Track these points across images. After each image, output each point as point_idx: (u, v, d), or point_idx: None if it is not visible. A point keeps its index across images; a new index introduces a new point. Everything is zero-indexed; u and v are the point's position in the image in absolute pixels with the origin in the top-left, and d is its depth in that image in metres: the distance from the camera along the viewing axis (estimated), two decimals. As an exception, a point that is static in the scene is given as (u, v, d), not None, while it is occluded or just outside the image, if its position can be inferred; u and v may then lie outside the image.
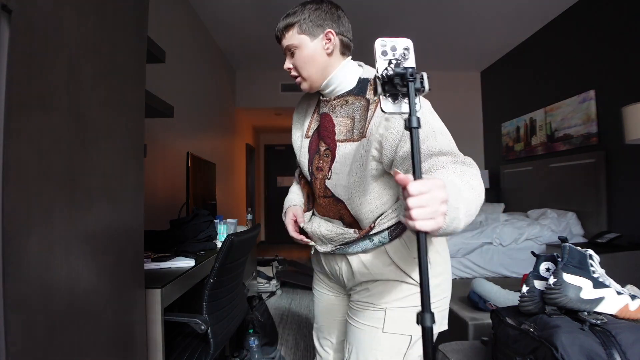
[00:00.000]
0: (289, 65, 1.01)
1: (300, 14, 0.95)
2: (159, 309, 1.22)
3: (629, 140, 2.10)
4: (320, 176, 0.98)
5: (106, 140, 0.94)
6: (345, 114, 0.95)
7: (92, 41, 0.87)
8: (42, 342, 0.70)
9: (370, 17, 3.66)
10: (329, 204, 0.99)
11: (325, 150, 0.96)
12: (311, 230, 1.06)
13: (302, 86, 1.01)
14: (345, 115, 0.95)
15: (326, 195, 0.99)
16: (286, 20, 0.97)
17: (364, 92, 0.94)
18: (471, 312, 1.93)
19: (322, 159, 0.97)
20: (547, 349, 0.95)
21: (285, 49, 0.99)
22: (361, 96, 0.94)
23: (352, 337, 1.02)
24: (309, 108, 1.08)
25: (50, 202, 0.73)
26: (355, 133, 0.92)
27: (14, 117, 0.63)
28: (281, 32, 0.99)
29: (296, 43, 0.96)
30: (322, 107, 1.02)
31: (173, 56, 2.81)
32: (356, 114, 0.93)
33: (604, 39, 3.03)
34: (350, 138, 0.92)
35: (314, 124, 1.05)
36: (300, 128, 1.08)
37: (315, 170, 0.99)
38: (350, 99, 0.96)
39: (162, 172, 2.74)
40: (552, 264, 1.12)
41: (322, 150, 0.97)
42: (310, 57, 0.95)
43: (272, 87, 5.28)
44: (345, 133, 0.94)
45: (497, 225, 3.25)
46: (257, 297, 2.54)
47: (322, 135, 0.98)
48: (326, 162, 0.96)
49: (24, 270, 0.66)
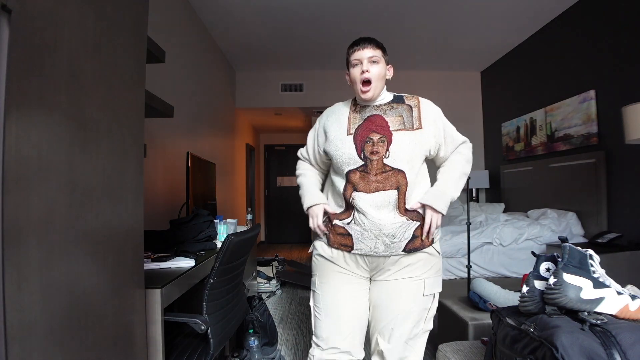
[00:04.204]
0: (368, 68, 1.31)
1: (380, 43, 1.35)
2: (159, 309, 1.22)
3: (629, 140, 2.10)
4: (377, 157, 1.28)
5: (106, 140, 0.94)
6: (394, 114, 1.33)
7: (92, 41, 0.87)
8: (43, 342, 0.70)
9: (371, 17, 3.66)
10: (387, 177, 1.27)
11: (380, 138, 1.28)
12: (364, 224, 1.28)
13: (371, 93, 1.32)
14: (394, 115, 1.33)
15: (384, 171, 1.27)
16: (374, 40, 1.34)
17: (402, 101, 1.37)
18: (471, 312, 1.93)
19: (377, 144, 1.28)
20: (547, 349, 0.95)
21: (369, 58, 1.31)
22: (401, 103, 1.36)
23: (395, 306, 1.32)
24: (342, 116, 1.38)
25: (50, 202, 0.73)
26: (407, 125, 1.31)
27: (14, 116, 0.63)
28: (367, 44, 1.32)
29: (378, 57, 1.32)
30: (368, 111, 1.35)
31: (173, 56, 2.81)
32: (403, 114, 1.33)
33: (603, 39, 3.03)
34: (403, 128, 1.31)
35: (353, 124, 1.34)
36: (338, 129, 1.35)
37: (370, 154, 1.28)
38: (394, 105, 1.36)
39: (162, 172, 2.74)
40: (552, 264, 1.12)
41: (376, 139, 1.28)
42: (382, 74, 1.34)
43: (272, 87, 5.27)
44: (398, 125, 1.31)
45: (497, 225, 3.25)
46: (257, 297, 2.53)
47: (374, 129, 1.30)
48: (382, 146, 1.28)
49: (24, 270, 0.66)
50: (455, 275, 3.09)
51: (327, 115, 1.45)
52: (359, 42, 1.33)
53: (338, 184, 1.35)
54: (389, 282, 1.34)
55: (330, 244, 1.36)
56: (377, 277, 1.36)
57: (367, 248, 1.30)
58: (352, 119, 1.36)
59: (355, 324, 1.36)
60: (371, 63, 1.31)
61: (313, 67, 5.13)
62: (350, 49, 1.35)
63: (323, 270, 1.39)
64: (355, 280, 1.36)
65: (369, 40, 1.33)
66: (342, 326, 1.35)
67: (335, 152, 1.34)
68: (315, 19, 3.70)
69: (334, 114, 1.42)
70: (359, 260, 1.34)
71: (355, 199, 1.29)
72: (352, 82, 1.36)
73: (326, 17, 3.63)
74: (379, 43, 1.34)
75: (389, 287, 1.34)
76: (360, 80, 1.31)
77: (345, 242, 1.32)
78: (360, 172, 1.29)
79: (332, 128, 1.38)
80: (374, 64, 1.31)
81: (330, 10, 3.52)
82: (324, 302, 1.37)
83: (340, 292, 1.36)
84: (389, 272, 1.33)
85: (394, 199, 1.27)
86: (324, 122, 1.43)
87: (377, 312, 1.36)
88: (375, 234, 1.27)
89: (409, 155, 1.29)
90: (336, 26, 3.85)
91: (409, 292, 1.33)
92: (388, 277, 1.34)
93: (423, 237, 1.31)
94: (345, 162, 1.31)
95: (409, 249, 1.30)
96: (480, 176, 4.72)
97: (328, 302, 1.36)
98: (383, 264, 1.32)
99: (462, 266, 3.03)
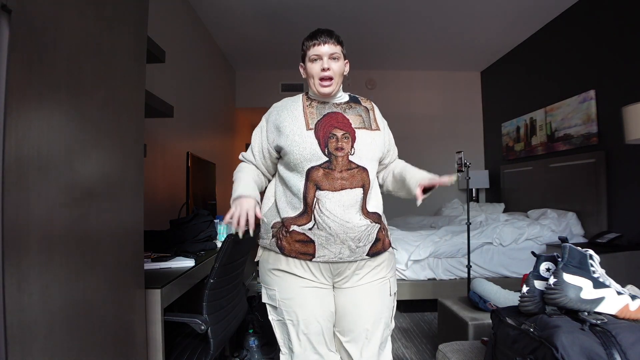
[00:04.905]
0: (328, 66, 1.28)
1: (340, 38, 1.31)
2: (159, 309, 1.21)
3: (628, 140, 2.10)
4: (342, 154, 1.23)
5: (106, 140, 0.94)
6: (353, 113, 1.32)
7: (92, 41, 0.87)
8: (43, 342, 0.70)
9: (371, 17, 3.66)
10: (353, 175, 1.23)
11: (344, 134, 1.25)
12: (330, 228, 1.20)
13: (331, 88, 1.29)
14: (354, 114, 1.31)
15: (350, 168, 1.23)
16: (334, 34, 1.29)
17: (358, 102, 1.37)
18: (471, 312, 1.93)
19: (342, 140, 1.24)
20: (547, 349, 0.95)
21: (329, 55, 1.27)
22: (358, 104, 1.36)
23: (367, 313, 1.26)
24: (295, 111, 1.31)
25: (50, 202, 0.73)
26: (366, 124, 1.31)
27: (14, 116, 0.63)
28: (328, 39, 1.27)
29: (338, 54, 1.29)
30: (327, 107, 1.31)
31: (173, 56, 2.81)
32: (362, 114, 1.33)
33: (604, 39, 3.03)
34: (364, 127, 1.29)
35: (311, 119, 1.27)
36: (295, 124, 1.27)
37: (335, 150, 1.23)
38: (352, 105, 1.35)
39: (162, 172, 2.74)
40: (552, 264, 1.12)
41: (340, 135, 1.24)
42: (342, 71, 1.31)
43: (272, 87, 5.27)
44: (359, 124, 1.29)
45: (497, 225, 3.25)
46: (257, 297, 2.53)
47: (336, 125, 1.26)
48: (347, 142, 1.24)
49: (24, 270, 0.66)
50: (455, 275, 3.09)
51: (277, 111, 1.33)
52: (319, 36, 1.26)
53: (295, 183, 1.24)
54: (356, 289, 1.26)
55: (285, 253, 1.23)
56: (343, 284, 1.27)
57: (331, 254, 1.21)
58: (308, 114, 1.29)
59: (330, 332, 1.28)
60: (331, 59, 1.27)
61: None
62: (308, 41, 1.28)
63: (283, 285, 1.25)
64: (320, 290, 1.25)
65: (329, 35, 1.27)
66: (316, 337, 1.25)
67: (293, 147, 1.23)
68: (316, 19, 3.69)
69: (285, 110, 1.32)
70: (322, 267, 1.23)
71: (320, 199, 1.20)
72: (307, 76, 1.31)
73: (326, 17, 3.63)
74: (339, 38, 1.29)
75: (358, 293, 1.26)
76: (319, 77, 1.27)
77: (306, 250, 1.21)
78: (324, 169, 1.21)
79: (286, 123, 1.27)
80: (334, 60, 1.27)
81: (330, 10, 3.52)
82: (293, 317, 1.24)
83: (308, 305, 1.23)
84: (356, 277, 1.26)
85: (360, 198, 1.22)
86: (274, 118, 1.31)
87: (345, 321, 1.27)
88: (341, 238, 1.20)
89: (372, 153, 1.27)
90: (336, 26, 3.82)
91: (377, 295, 1.28)
92: (355, 282, 1.26)
93: (451, 180, 1.20)
94: (306, 159, 1.21)
95: (372, 253, 1.25)
96: (480, 176, 4.72)
97: (301, 316, 1.23)
98: (347, 269, 1.25)
99: (462, 266, 3.03)
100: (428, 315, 3.08)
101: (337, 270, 1.25)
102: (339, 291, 1.28)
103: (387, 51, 4.49)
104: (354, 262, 1.24)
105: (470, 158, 4.33)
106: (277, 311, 1.28)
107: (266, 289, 1.30)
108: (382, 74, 5.18)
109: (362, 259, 1.25)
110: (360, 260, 1.25)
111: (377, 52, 4.48)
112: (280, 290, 1.26)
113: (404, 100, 5.18)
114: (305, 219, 1.21)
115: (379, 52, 4.47)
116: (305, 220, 1.21)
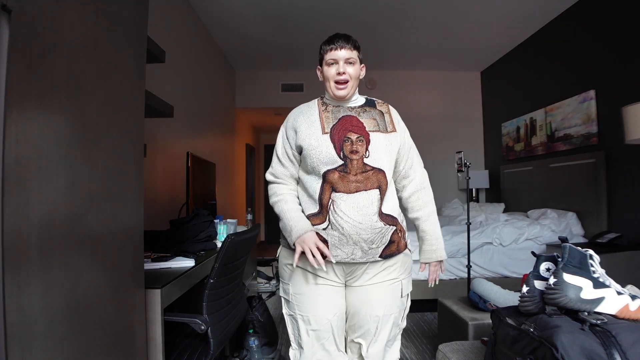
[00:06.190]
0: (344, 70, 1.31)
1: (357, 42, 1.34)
2: (159, 309, 1.22)
3: (628, 140, 2.10)
4: (357, 157, 1.26)
5: (106, 140, 0.94)
6: (368, 116, 1.33)
7: (92, 41, 0.87)
8: (43, 342, 0.70)
9: (371, 18, 3.66)
10: (368, 177, 1.26)
11: (359, 137, 1.27)
12: (343, 229, 1.23)
13: (346, 91, 1.32)
14: (368, 117, 1.33)
15: (365, 170, 1.26)
16: (351, 39, 1.32)
17: (374, 105, 1.39)
18: (471, 312, 1.93)
19: (356, 144, 1.26)
20: (547, 349, 0.95)
21: (345, 59, 1.30)
22: (373, 107, 1.38)
23: (376, 311, 1.29)
24: (311, 116, 1.34)
25: (50, 203, 0.73)
26: (381, 127, 1.32)
27: (14, 116, 0.63)
28: (345, 44, 1.30)
29: (354, 58, 1.32)
30: (342, 112, 1.33)
31: (173, 56, 2.81)
32: (376, 117, 1.34)
33: (604, 39, 3.03)
34: (378, 130, 1.31)
35: (327, 123, 1.31)
36: (312, 128, 1.31)
37: (350, 153, 1.26)
38: (367, 108, 1.37)
39: (162, 172, 2.74)
40: (552, 264, 1.12)
41: (355, 138, 1.27)
42: (357, 75, 1.35)
43: (272, 87, 5.27)
44: (373, 127, 1.31)
45: (497, 225, 3.25)
46: (257, 297, 2.53)
47: (350, 129, 1.29)
48: (362, 145, 1.27)
49: (24, 270, 0.66)
50: (455, 275, 3.09)
51: (294, 116, 1.39)
52: (336, 41, 1.30)
53: (312, 184, 1.28)
54: (367, 287, 1.30)
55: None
56: (354, 282, 1.31)
57: (343, 255, 1.24)
58: (324, 118, 1.33)
59: (340, 332, 1.32)
60: (347, 64, 1.30)
61: (313, 67, 5.12)
62: (326, 45, 1.32)
63: (297, 280, 1.31)
64: (332, 288, 1.30)
65: (346, 40, 1.31)
66: (326, 334, 1.29)
67: (310, 151, 1.27)
68: (316, 19, 3.70)
69: (301, 115, 1.37)
70: (334, 266, 1.28)
71: (335, 200, 1.24)
72: (324, 79, 1.35)
73: (326, 17, 3.63)
74: (356, 43, 1.33)
75: (368, 292, 1.30)
76: (335, 80, 1.30)
77: None
78: (340, 172, 1.24)
79: (303, 127, 1.32)
80: (350, 64, 1.31)
81: (331, 10, 3.52)
82: (305, 312, 1.29)
83: (320, 302, 1.28)
84: (367, 275, 1.29)
85: (377, 199, 1.25)
86: (292, 123, 1.37)
87: (357, 318, 1.32)
88: (354, 239, 1.22)
89: (387, 155, 1.30)
90: (336, 26, 3.83)
91: (388, 295, 1.30)
92: (366, 281, 1.29)
93: (430, 285, 1.42)
94: (322, 162, 1.26)
95: (386, 255, 1.27)
96: (480, 176, 4.72)
97: (311, 312, 1.28)
98: (359, 269, 1.28)
99: (462, 266, 3.03)
100: (428, 315, 3.08)
101: (350, 269, 1.29)
102: (350, 289, 1.33)
103: (387, 51, 4.48)
104: (365, 263, 1.27)
105: (470, 158, 4.33)
106: (290, 305, 1.34)
107: (282, 282, 1.38)
108: (382, 74, 5.18)
109: (374, 261, 1.27)
110: (372, 262, 1.27)
111: (377, 52, 4.47)
112: (293, 284, 1.32)
113: (404, 100, 5.17)
114: (320, 219, 1.26)
115: (379, 52, 4.47)
116: (320, 220, 1.26)
